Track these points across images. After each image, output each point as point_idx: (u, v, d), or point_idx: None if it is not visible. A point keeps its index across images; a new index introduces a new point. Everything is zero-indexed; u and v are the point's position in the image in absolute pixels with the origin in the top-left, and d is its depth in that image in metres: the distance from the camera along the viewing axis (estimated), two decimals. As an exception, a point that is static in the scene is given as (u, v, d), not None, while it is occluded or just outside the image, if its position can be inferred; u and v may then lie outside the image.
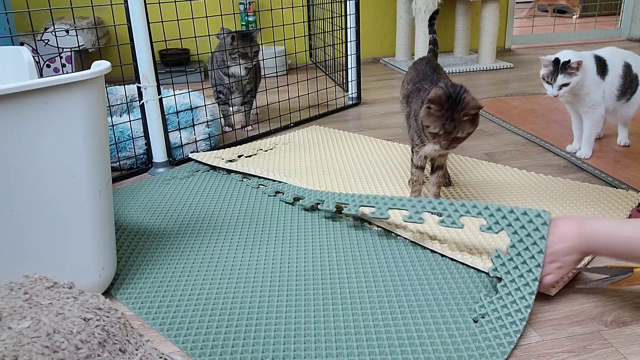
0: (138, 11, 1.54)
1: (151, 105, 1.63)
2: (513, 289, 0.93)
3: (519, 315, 0.89)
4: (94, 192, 0.95)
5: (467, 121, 1.16)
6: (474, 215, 1.05)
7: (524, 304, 0.90)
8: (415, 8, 2.89)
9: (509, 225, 0.99)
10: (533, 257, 0.94)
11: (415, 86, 1.34)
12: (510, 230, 0.98)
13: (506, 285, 0.94)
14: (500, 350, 0.84)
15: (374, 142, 1.85)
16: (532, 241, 0.95)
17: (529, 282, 0.92)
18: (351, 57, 2.38)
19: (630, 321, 0.92)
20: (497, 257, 0.97)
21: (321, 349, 0.86)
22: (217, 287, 1.05)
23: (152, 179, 1.61)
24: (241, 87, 2.04)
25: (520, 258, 0.95)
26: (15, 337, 0.60)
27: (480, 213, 1.04)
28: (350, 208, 1.23)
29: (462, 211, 1.06)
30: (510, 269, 0.95)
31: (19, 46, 1.15)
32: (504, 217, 1.00)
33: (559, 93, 1.53)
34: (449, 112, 1.15)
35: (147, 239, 1.25)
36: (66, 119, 0.88)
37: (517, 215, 0.99)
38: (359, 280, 1.05)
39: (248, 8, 3.19)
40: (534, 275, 0.92)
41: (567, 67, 1.50)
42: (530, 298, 0.90)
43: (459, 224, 1.06)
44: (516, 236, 0.97)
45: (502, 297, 0.93)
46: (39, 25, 2.79)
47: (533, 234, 0.95)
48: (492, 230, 1.01)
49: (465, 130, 1.18)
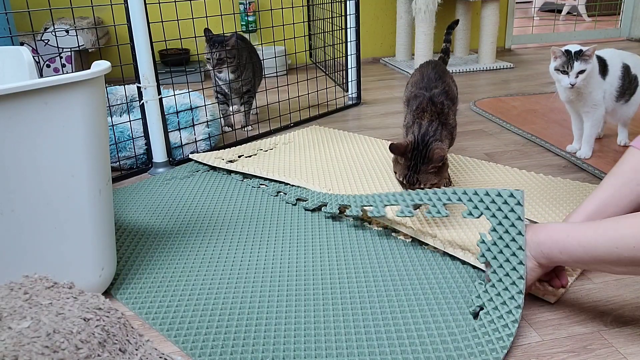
0: (138, 11, 1.54)
1: (151, 105, 1.63)
2: (502, 274, 0.91)
3: (513, 303, 0.88)
4: (94, 192, 0.95)
5: (432, 173, 1.17)
6: (454, 201, 1.04)
7: (515, 290, 0.89)
8: (415, 8, 2.88)
9: (486, 208, 0.97)
10: (513, 239, 0.91)
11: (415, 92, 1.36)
12: (488, 213, 0.97)
13: (495, 271, 0.93)
14: (500, 345, 0.84)
15: (374, 142, 1.85)
16: (510, 223, 0.93)
17: (515, 265, 0.90)
18: (351, 57, 2.38)
19: (630, 321, 0.92)
20: (482, 243, 0.96)
21: (321, 349, 0.86)
22: (217, 287, 1.05)
23: (152, 179, 1.61)
24: (235, 89, 2.04)
25: (502, 242, 0.93)
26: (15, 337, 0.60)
27: (460, 199, 1.03)
28: (352, 209, 1.23)
29: (444, 199, 1.06)
30: (496, 254, 0.93)
31: (19, 46, 1.15)
32: (480, 201, 0.99)
33: (577, 81, 1.50)
34: (413, 163, 1.16)
35: (147, 239, 1.25)
36: (66, 119, 0.88)
37: (492, 197, 0.97)
38: (359, 280, 1.05)
39: (248, 8, 3.19)
40: (518, 258, 0.90)
41: (582, 54, 1.49)
42: (521, 283, 0.89)
43: (443, 212, 1.05)
44: (495, 219, 0.95)
45: (494, 285, 0.92)
46: (39, 25, 2.79)
47: (509, 215, 0.93)
48: (473, 215, 0.99)
49: (428, 182, 1.19)
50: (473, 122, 2.07)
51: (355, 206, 1.22)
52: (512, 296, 0.89)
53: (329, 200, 1.31)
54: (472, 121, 2.08)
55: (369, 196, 1.22)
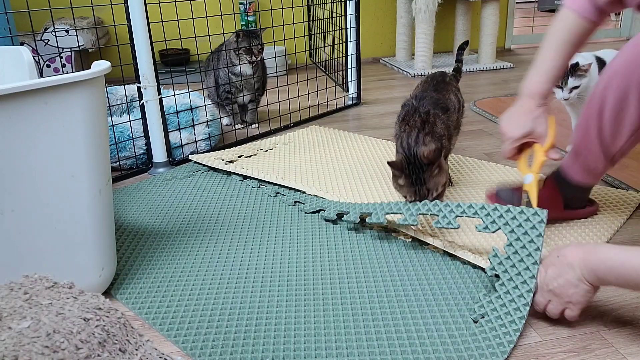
0: (138, 11, 1.54)
1: (151, 105, 1.63)
2: (511, 287, 0.93)
3: (517, 314, 0.89)
4: (94, 192, 0.95)
5: (436, 175, 1.15)
6: (470, 215, 1.05)
7: (522, 302, 0.90)
8: (415, 8, 2.89)
9: (505, 224, 0.99)
10: (530, 254, 0.93)
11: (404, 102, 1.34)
12: (506, 229, 0.98)
13: (504, 283, 0.94)
14: (500, 349, 0.84)
15: (374, 142, 1.85)
16: (529, 239, 0.94)
17: (527, 279, 0.91)
18: (351, 57, 2.38)
19: (630, 321, 0.92)
20: (494, 256, 0.97)
21: (321, 349, 0.86)
22: (217, 287, 1.05)
23: (152, 179, 1.61)
24: (250, 85, 2.06)
25: (517, 256, 0.94)
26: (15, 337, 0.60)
27: (477, 213, 1.04)
28: (350, 215, 1.23)
29: (458, 211, 1.07)
30: (508, 267, 0.95)
31: (19, 46, 1.15)
32: (500, 217, 1.00)
33: (570, 96, 1.50)
34: (415, 177, 1.14)
35: (147, 239, 1.25)
36: (66, 119, 0.88)
37: (514, 214, 0.99)
38: (359, 281, 1.05)
39: (248, 8, 3.19)
40: (531, 272, 0.91)
41: (577, 69, 1.48)
42: (529, 296, 0.90)
43: (454, 224, 1.06)
44: (513, 234, 0.97)
45: (500, 296, 0.93)
46: (39, 25, 2.79)
47: (530, 231, 0.95)
48: (489, 229, 1.01)
49: (439, 185, 1.16)
50: (473, 122, 2.07)
51: (354, 213, 1.23)
52: (517, 307, 0.90)
53: (327, 206, 1.31)
54: (472, 121, 2.08)
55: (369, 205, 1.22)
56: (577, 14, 1.02)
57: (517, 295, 0.91)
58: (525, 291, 0.91)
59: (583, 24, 1.03)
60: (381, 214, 1.16)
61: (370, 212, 1.19)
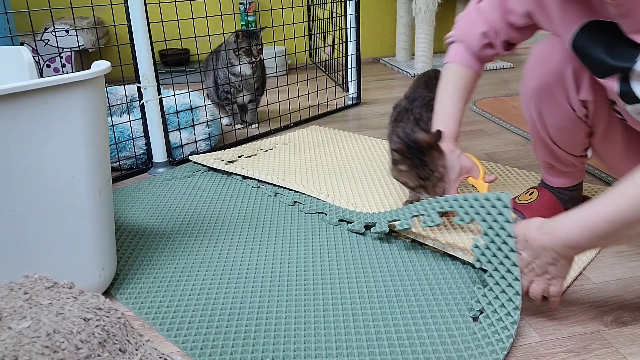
0: (138, 11, 1.54)
1: (151, 105, 1.63)
2: (498, 277, 0.92)
3: (511, 305, 0.88)
4: (94, 192, 0.95)
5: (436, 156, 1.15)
6: (447, 208, 1.05)
7: (512, 291, 0.89)
8: (415, 8, 2.89)
9: (476, 213, 0.99)
10: (505, 242, 0.92)
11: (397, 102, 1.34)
12: (478, 218, 0.98)
13: (492, 275, 0.93)
14: (500, 346, 0.84)
15: (374, 142, 1.85)
16: (500, 226, 0.93)
17: (510, 267, 0.90)
18: (351, 57, 2.38)
19: (630, 321, 0.92)
20: (476, 248, 0.97)
21: (321, 349, 0.86)
22: (217, 287, 1.05)
23: (152, 179, 1.61)
24: (249, 86, 2.07)
25: (494, 245, 0.93)
26: (15, 337, 0.60)
27: (452, 206, 1.05)
28: (355, 224, 1.24)
29: (437, 207, 1.07)
30: (490, 258, 0.94)
31: (19, 46, 1.15)
32: (470, 206, 1.00)
33: None
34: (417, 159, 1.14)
35: (147, 239, 1.25)
36: (66, 119, 0.88)
37: (481, 201, 0.98)
38: (359, 281, 1.05)
39: (248, 8, 3.19)
40: (511, 260, 0.90)
41: None
42: (517, 284, 0.89)
43: (437, 220, 1.06)
44: (485, 223, 0.96)
45: (492, 288, 0.92)
46: (39, 25, 2.79)
47: (498, 218, 0.94)
48: (464, 220, 1.01)
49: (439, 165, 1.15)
50: (473, 122, 2.07)
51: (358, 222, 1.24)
52: (509, 298, 0.89)
53: (329, 210, 1.32)
54: (472, 121, 2.08)
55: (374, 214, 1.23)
56: (462, 65, 1.18)
57: (506, 285, 0.90)
58: (512, 280, 0.90)
59: (468, 73, 1.19)
60: (384, 223, 1.17)
61: (374, 221, 1.20)
